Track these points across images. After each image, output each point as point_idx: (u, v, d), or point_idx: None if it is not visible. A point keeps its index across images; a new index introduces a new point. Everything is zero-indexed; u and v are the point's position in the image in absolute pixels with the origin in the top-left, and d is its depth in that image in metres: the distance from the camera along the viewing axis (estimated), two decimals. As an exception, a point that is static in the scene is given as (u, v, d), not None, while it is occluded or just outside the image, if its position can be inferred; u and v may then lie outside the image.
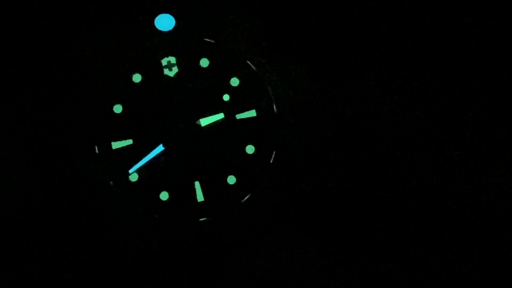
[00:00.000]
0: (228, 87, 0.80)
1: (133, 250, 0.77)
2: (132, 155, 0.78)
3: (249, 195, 0.80)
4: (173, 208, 0.79)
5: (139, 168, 0.78)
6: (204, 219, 0.79)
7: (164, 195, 0.79)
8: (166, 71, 0.79)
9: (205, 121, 0.78)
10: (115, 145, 0.78)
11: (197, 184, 0.79)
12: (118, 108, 0.78)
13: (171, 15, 0.79)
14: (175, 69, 0.79)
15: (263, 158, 0.80)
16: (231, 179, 0.80)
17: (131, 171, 0.78)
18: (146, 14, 0.78)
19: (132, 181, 0.78)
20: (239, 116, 0.80)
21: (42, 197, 0.75)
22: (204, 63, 0.80)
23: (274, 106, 0.80)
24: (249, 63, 0.80)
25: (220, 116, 0.79)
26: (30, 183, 0.75)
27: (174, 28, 0.79)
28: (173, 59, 0.79)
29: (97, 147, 0.78)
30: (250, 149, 0.80)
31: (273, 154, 0.80)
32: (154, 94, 0.79)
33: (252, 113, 0.80)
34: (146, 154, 0.77)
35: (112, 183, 0.78)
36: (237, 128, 0.80)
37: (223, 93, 0.79)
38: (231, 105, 0.79)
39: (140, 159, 0.77)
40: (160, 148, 0.77)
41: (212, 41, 0.80)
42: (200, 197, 0.79)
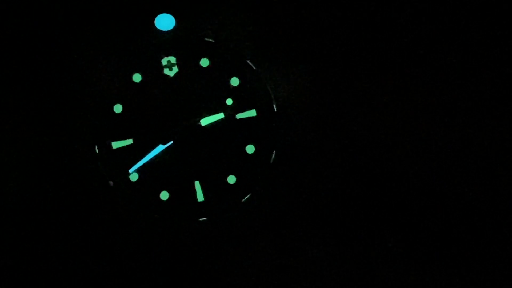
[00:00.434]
0: (228, 87, 0.80)
1: (133, 250, 0.77)
2: (132, 155, 0.78)
3: (249, 195, 0.80)
4: (173, 208, 0.79)
5: (139, 168, 0.78)
6: (204, 218, 0.79)
7: (164, 195, 0.79)
8: (166, 71, 0.79)
9: (205, 121, 0.78)
10: (115, 145, 0.78)
11: (197, 183, 0.79)
12: (118, 108, 0.78)
13: (171, 15, 0.79)
14: (175, 69, 0.79)
15: (263, 158, 0.80)
16: (231, 179, 0.80)
17: (131, 171, 0.78)
18: (146, 14, 0.78)
19: (132, 181, 0.78)
20: (239, 116, 0.80)
21: (42, 197, 0.75)
22: (204, 63, 0.80)
23: (274, 106, 0.80)
24: (249, 63, 0.80)
25: (220, 115, 0.79)
26: (30, 183, 0.75)
27: (174, 28, 0.79)
28: (173, 59, 0.79)
29: (97, 147, 0.78)
30: (250, 148, 0.80)
31: (273, 154, 0.80)
32: (154, 94, 0.79)
33: (252, 113, 0.80)
34: (146, 153, 0.77)
35: (112, 183, 0.78)
36: (237, 127, 0.80)
37: (223, 93, 0.79)
38: (231, 105, 0.79)
39: (140, 159, 0.77)
40: (161, 147, 0.77)
41: (212, 41, 0.80)
42: (200, 196, 0.79)
